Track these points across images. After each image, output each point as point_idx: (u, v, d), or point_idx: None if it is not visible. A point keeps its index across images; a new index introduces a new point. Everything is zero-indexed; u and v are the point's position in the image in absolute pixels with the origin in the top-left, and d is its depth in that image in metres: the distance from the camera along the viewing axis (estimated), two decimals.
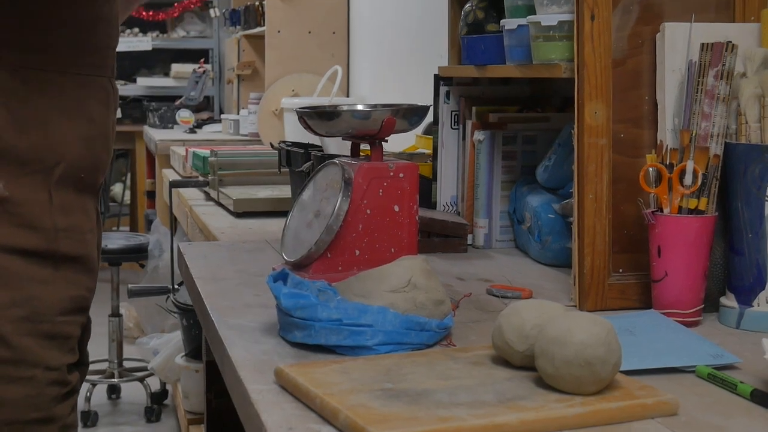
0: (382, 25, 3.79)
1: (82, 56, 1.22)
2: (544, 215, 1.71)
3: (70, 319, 1.22)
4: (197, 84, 5.43)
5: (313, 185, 1.50)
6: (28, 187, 1.17)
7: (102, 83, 1.26)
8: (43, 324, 1.18)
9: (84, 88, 1.22)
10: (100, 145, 1.26)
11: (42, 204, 1.18)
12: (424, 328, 1.17)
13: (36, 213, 1.17)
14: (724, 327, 1.32)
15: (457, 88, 1.95)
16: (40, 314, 1.18)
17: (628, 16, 1.40)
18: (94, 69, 1.24)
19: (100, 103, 1.25)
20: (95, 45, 1.25)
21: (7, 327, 1.14)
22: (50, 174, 1.18)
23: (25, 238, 1.16)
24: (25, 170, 1.16)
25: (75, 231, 1.23)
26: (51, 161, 1.18)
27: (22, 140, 1.16)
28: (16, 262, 1.16)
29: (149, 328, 4.38)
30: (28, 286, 1.17)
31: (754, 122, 1.31)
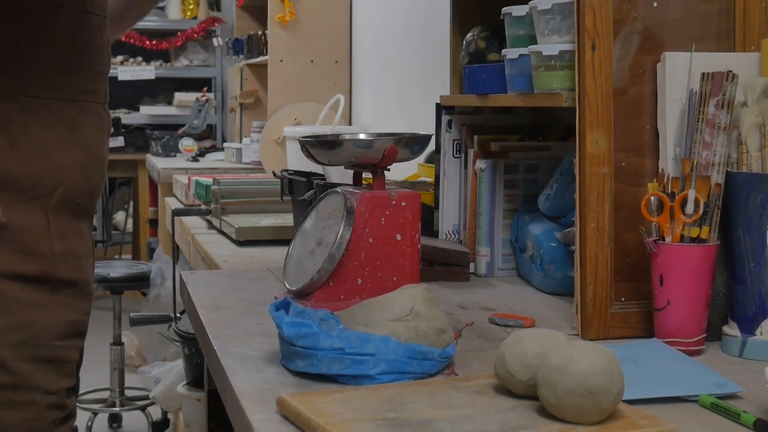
0: (385, 55, 3.81)
1: (77, 83, 1.24)
2: (546, 244, 1.71)
3: (68, 343, 1.23)
4: (200, 112, 5.45)
5: (316, 214, 1.51)
6: (26, 213, 1.17)
7: (96, 109, 1.28)
8: (42, 348, 1.19)
9: (80, 115, 1.23)
10: (96, 170, 1.28)
11: (40, 229, 1.19)
12: (427, 357, 1.16)
13: (34, 238, 1.18)
14: (727, 356, 1.32)
15: (458, 117, 1.95)
16: (39, 339, 1.19)
17: (628, 46, 1.41)
18: (88, 95, 1.26)
19: (94, 128, 1.26)
20: (90, 71, 1.26)
21: (6, 352, 1.15)
22: (48, 199, 1.19)
23: (23, 264, 1.17)
24: (23, 196, 1.17)
25: (72, 256, 1.23)
26: (49, 187, 1.20)
27: (21, 167, 1.17)
28: (15, 287, 1.16)
29: (151, 356, 4.36)
30: (27, 311, 1.18)
31: (755, 151, 1.31)
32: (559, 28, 1.51)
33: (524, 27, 1.64)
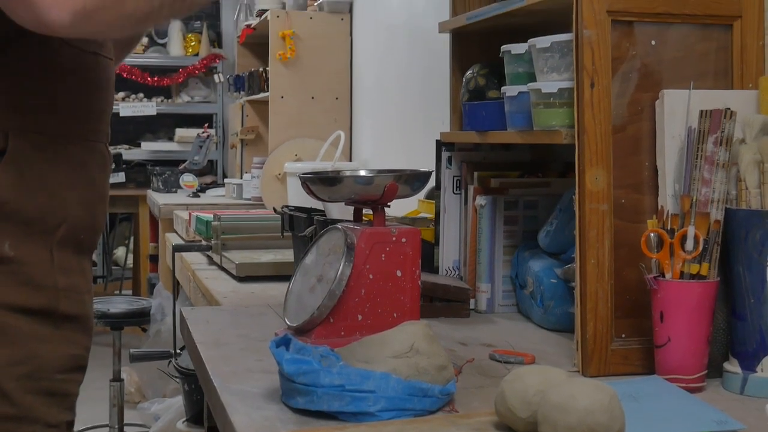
0: (385, 91, 3.83)
1: (85, 123, 1.26)
2: (547, 280, 1.71)
3: (69, 377, 1.24)
4: (201, 148, 5.46)
5: (316, 250, 1.51)
6: (32, 247, 1.19)
7: (100, 148, 1.30)
8: (44, 381, 1.20)
9: (86, 153, 1.26)
10: (99, 208, 1.30)
11: (44, 264, 1.20)
12: (427, 394, 1.16)
13: (39, 272, 1.19)
14: (728, 393, 1.31)
15: (458, 154, 1.96)
16: (42, 372, 1.20)
17: (627, 84, 1.42)
18: (94, 135, 1.28)
19: (99, 167, 1.29)
20: (97, 112, 1.29)
21: (11, 384, 1.16)
22: (52, 235, 1.21)
23: (28, 297, 1.18)
24: (29, 231, 1.18)
25: (74, 291, 1.25)
26: (54, 223, 1.21)
27: (30, 203, 1.18)
28: (20, 320, 1.17)
29: (150, 392, 4.35)
30: (31, 344, 1.19)
31: (754, 188, 1.32)
32: (558, 65, 1.52)
33: (523, 65, 1.65)
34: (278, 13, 4.32)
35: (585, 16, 1.39)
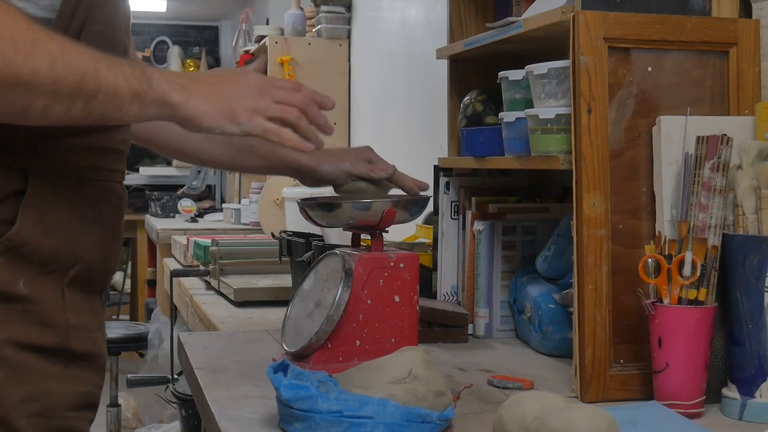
0: (383, 116, 3.84)
1: (102, 163, 1.26)
2: (545, 305, 1.72)
3: (79, 414, 1.24)
4: (199, 173, 5.47)
5: (314, 275, 1.51)
6: (45, 287, 1.19)
7: (116, 188, 1.30)
8: (55, 419, 1.20)
9: (102, 194, 1.26)
10: (112, 248, 1.30)
11: (56, 302, 1.21)
12: (425, 419, 1.16)
13: (50, 311, 1.20)
14: (727, 418, 1.31)
15: (456, 179, 1.97)
16: (53, 409, 1.20)
17: (624, 110, 1.43)
18: (111, 175, 1.28)
19: (113, 207, 1.29)
20: (114, 152, 1.29)
21: (23, 422, 1.16)
22: (65, 274, 1.22)
23: (40, 335, 1.19)
24: (43, 270, 1.19)
25: (85, 329, 1.26)
26: (68, 263, 1.22)
27: (46, 243, 1.19)
28: (32, 358, 1.18)
29: (148, 418, 4.32)
30: (42, 382, 1.19)
31: (751, 213, 1.32)
32: (555, 92, 1.53)
33: (521, 91, 1.66)
34: (277, 39, 4.34)
35: (582, 43, 1.40)
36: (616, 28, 1.42)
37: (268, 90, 1.26)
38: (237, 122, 1.22)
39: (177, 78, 1.19)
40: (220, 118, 1.21)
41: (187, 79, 1.21)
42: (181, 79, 1.20)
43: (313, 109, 1.29)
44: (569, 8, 1.45)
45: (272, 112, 1.25)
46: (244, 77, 1.25)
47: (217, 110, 1.21)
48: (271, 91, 1.26)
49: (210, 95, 1.21)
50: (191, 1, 7.49)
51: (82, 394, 1.24)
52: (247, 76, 1.26)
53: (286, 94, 1.27)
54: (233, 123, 1.22)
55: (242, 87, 1.24)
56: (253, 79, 1.26)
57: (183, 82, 1.20)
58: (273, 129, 1.25)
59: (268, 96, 1.25)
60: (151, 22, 8.17)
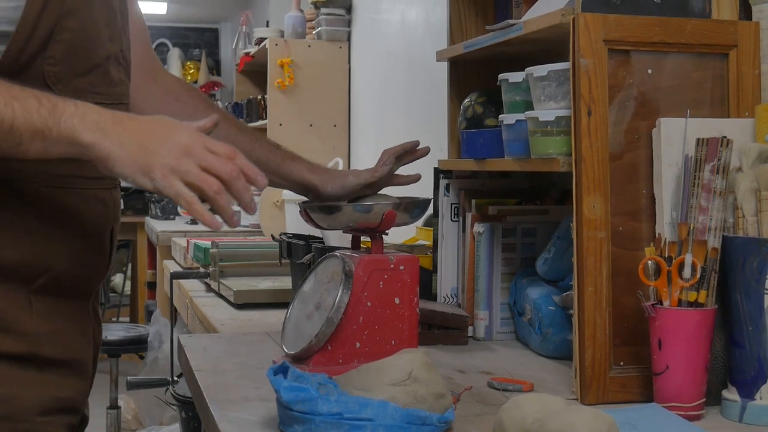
0: (383, 119, 3.84)
1: (81, 171, 1.24)
2: (545, 307, 1.72)
3: (52, 419, 1.25)
4: None
5: (314, 277, 1.51)
6: (8, 295, 1.20)
7: (100, 195, 1.28)
8: (23, 423, 1.21)
9: (80, 203, 1.24)
10: (94, 256, 1.29)
11: (22, 310, 1.22)
12: (425, 422, 1.16)
13: (16, 319, 1.21)
14: (727, 420, 1.31)
15: (456, 181, 1.97)
16: (20, 413, 1.21)
17: (624, 112, 1.43)
18: (91, 182, 1.27)
19: (95, 215, 1.27)
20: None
21: None
22: (31, 283, 1.22)
23: (9, 344, 1.20)
24: (7, 279, 1.19)
25: (60, 335, 1.26)
26: (34, 272, 1.22)
27: (12, 253, 1.19)
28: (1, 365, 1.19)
29: (148, 420, 4.32)
30: (12, 387, 1.20)
31: (751, 216, 1.32)
32: (555, 94, 1.53)
33: (520, 93, 1.66)
34: (277, 41, 4.34)
35: (582, 45, 1.40)
36: (616, 30, 1.42)
37: (196, 152, 1.14)
38: (150, 177, 1.12)
39: (98, 116, 1.12)
40: (133, 168, 1.12)
41: (111, 119, 1.13)
42: (102, 118, 1.12)
43: (238, 184, 1.16)
44: (569, 10, 1.45)
45: (191, 177, 1.13)
46: (176, 132, 1.15)
47: (131, 158, 1.12)
48: (198, 154, 1.14)
49: (129, 141, 1.12)
50: (191, 4, 7.50)
51: (57, 399, 1.26)
52: (180, 132, 1.15)
53: (213, 161, 1.14)
54: (146, 176, 1.12)
55: (168, 142, 1.13)
56: (185, 137, 1.15)
57: (102, 121, 1.12)
58: (185, 196, 1.13)
59: (193, 158, 1.13)
60: (151, 24, 8.17)
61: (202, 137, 1.16)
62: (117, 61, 1.32)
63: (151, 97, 1.58)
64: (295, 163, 1.62)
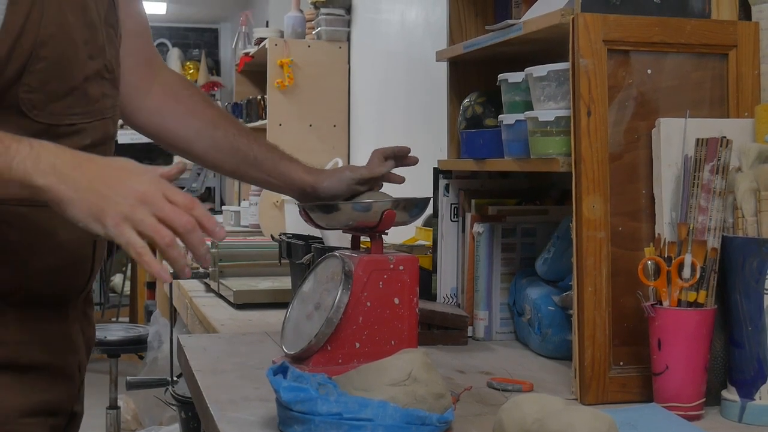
0: (382, 119, 3.84)
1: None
2: (544, 307, 1.72)
3: (35, 420, 1.28)
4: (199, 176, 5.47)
5: (314, 277, 1.51)
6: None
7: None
8: (4, 425, 1.24)
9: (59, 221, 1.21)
10: (72, 270, 1.30)
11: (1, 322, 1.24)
12: (425, 422, 1.16)
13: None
14: (727, 420, 1.31)
15: (456, 181, 1.97)
16: (3, 416, 1.24)
17: (623, 112, 1.43)
18: None
19: (71, 232, 1.25)
20: None
21: None
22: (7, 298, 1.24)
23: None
24: None
25: (39, 342, 1.28)
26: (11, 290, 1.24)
27: None
28: None
29: (147, 420, 4.32)
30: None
31: (751, 216, 1.32)
32: (554, 94, 1.53)
33: (520, 93, 1.66)
34: (276, 42, 4.34)
35: (581, 45, 1.40)
36: (615, 30, 1.42)
37: (153, 201, 1.10)
38: (102, 223, 1.09)
39: (55, 158, 1.10)
40: (85, 213, 1.09)
41: (69, 162, 1.11)
42: (58, 160, 1.10)
43: (193, 237, 1.12)
44: (569, 10, 1.45)
45: (144, 227, 1.09)
46: (136, 177, 1.12)
47: (84, 204, 1.09)
48: (155, 204, 1.10)
49: (84, 186, 1.10)
50: (191, 4, 7.50)
51: (40, 402, 1.28)
52: (140, 178, 1.12)
53: (169, 212, 1.11)
54: (98, 222, 1.09)
55: (126, 188, 1.10)
56: (145, 184, 1.11)
57: (59, 163, 1.10)
58: (136, 246, 1.09)
59: (149, 207, 1.10)
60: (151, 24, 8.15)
61: (163, 185, 1.13)
62: (100, 76, 1.31)
63: (149, 96, 1.59)
64: (292, 163, 1.62)
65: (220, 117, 1.63)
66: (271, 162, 1.61)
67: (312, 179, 1.59)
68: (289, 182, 1.61)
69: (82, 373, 1.41)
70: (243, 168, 1.62)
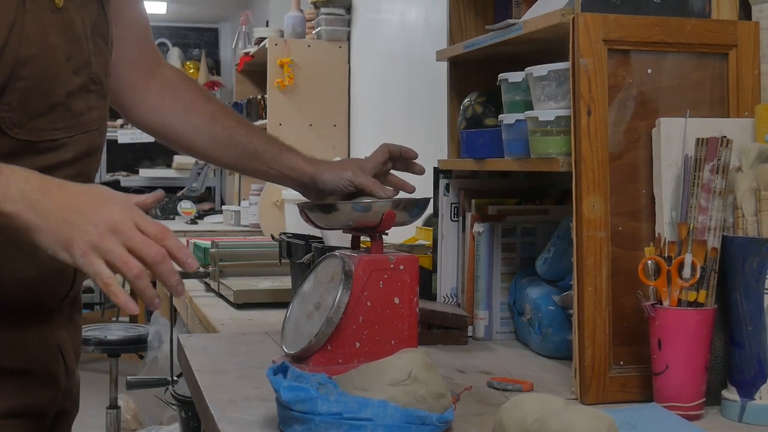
0: (382, 118, 3.84)
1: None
2: (544, 307, 1.72)
3: (13, 422, 1.29)
4: (199, 175, 5.48)
5: (314, 277, 1.51)
6: None
7: None
8: None
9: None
10: (51, 281, 1.30)
11: None
12: (425, 422, 1.16)
13: None
14: (727, 420, 1.31)
15: (456, 181, 1.97)
16: None
17: (623, 112, 1.43)
18: None
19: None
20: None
21: None
22: None
23: None
24: None
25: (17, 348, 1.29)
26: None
27: None
28: None
29: (147, 420, 4.32)
30: None
31: (751, 215, 1.32)
32: (554, 94, 1.53)
33: (520, 93, 1.66)
34: (276, 41, 4.34)
35: (581, 45, 1.40)
36: (615, 30, 1.42)
37: (124, 230, 1.08)
38: (70, 252, 1.07)
39: (24, 184, 1.09)
40: (52, 241, 1.08)
41: (39, 188, 1.10)
42: (28, 186, 1.09)
43: (162, 268, 1.09)
44: (569, 10, 1.45)
45: (112, 257, 1.07)
46: (107, 206, 1.10)
47: (53, 231, 1.08)
48: (126, 233, 1.08)
49: (53, 214, 1.08)
50: (191, 3, 7.50)
51: (19, 405, 1.29)
52: (112, 206, 1.10)
53: (139, 242, 1.08)
54: (66, 251, 1.08)
55: (96, 216, 1.08)
56: (116, 213, 1.09)
57: (28, 190, 1.09)
58: (103, 277, 1.07)
59: (118, 237, 1.08)
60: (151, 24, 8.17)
61: (135, 213, 1.11)
62: (85, 90, 1.31)
63: (147, 94, 1.59)
64: (292, 154, 1.62)
65: (219, 111, 1.64)
66: (270, 153, 1.61)
67: (312, 170, 1.59)
68: (288, 173, 1.61)
69: (71, 375, 1.42)
70: (243, 160, 1.62)
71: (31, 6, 1.20)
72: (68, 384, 1.42)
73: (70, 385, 1.43)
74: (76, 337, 1.44)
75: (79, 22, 1.29)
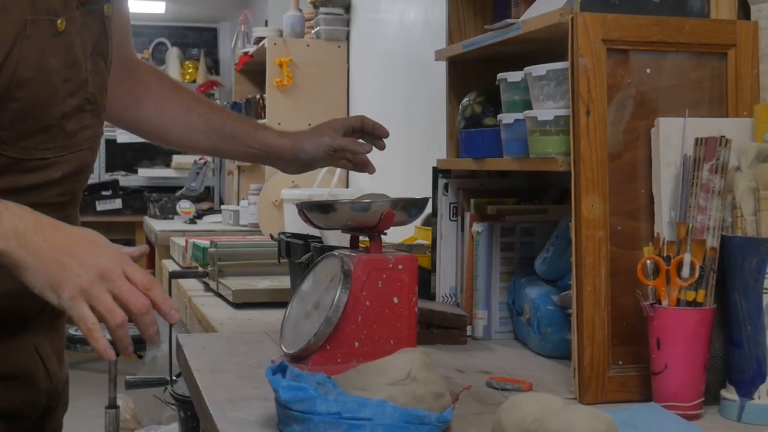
0: (382, 118, 3.83)
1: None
2: (543, 307, 1.72)
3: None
4: (198, 175, 5.47)
5: (313, 277, 1.51)
6: None
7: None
8: None
9: None
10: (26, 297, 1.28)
11: None
12: (424, 421, 1.16)
13: None
14: (726, 420, 1.31)
15: (455, 181, 1.97)
16: None
17: (622, 111, 1.43)
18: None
19: None
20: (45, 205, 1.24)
21: None
22: None
23: None
24: None
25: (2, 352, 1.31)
26: None
27: None
28: None
29: (146, 419, 4.32)
30: None
31: (750, 215, 1.32)
32: (553, 93, 1.53)
33: (519, 92, 1.66)
34: (275, 41, 4.34)
35: (580, 45, 1.40)
36: (614, 29, 1.42)
37: (112, 277, 1.10)
38: (58, 294, 1.09)
39: (18, 222, 1.10)
40: (41, 282, 1.09)
41: (33, 226, 1.11)
42: (21, 224, 1.10)
43: (145, 319, 1.12)
44: (568, 10, 1.45)
45: (98, 304, 1.09)
46: (98, 251, 1.12)
47: (43, 271, 1.09)
48: (114, 281, 1.10)
49: (45, 254, 1.09)
50: (190, 3, 7.49)
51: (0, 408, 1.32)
52: (102, 252, 1.12)
53: (126, 291, 1.10)
54: (54, 293, 1.09)
55: (86, 261, 1.10)
56: (106, 259, 1.11)
57: (21, 227, 1.10)
58: (87, 322, 1.09)
59: (106, 284, 1.10)
60: (150, 23, 8.18)
61: (124, 262, 1.12)
62: (80, 110, 1.31)
63: (123, 92, 1.62)
64: (267, 131, 1.69)
65: (192, 99, 1.70)
66: (246, 133, 1.67)
67: (290, 142, 1.64)
68: (267, 149, 1.67)
69: (53, 378, 1.43)
70: (221, 144, 1.68)
71: (32, 31, 1.20)
72: (50, 387, 1.43)
73: (52, 387, 1.44)
74: (58, 343, 1.46)
75: (79, 43, 1.29)
